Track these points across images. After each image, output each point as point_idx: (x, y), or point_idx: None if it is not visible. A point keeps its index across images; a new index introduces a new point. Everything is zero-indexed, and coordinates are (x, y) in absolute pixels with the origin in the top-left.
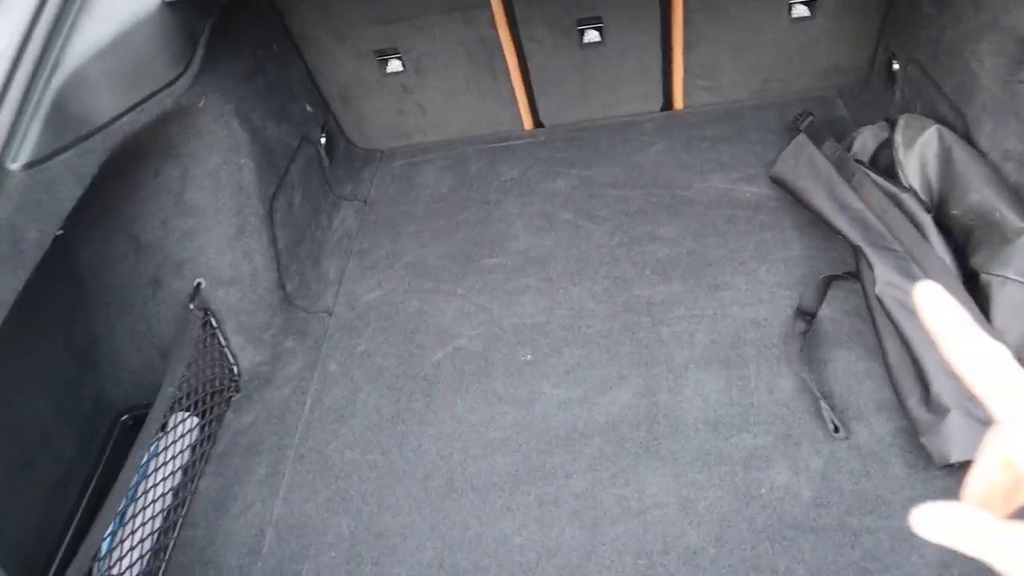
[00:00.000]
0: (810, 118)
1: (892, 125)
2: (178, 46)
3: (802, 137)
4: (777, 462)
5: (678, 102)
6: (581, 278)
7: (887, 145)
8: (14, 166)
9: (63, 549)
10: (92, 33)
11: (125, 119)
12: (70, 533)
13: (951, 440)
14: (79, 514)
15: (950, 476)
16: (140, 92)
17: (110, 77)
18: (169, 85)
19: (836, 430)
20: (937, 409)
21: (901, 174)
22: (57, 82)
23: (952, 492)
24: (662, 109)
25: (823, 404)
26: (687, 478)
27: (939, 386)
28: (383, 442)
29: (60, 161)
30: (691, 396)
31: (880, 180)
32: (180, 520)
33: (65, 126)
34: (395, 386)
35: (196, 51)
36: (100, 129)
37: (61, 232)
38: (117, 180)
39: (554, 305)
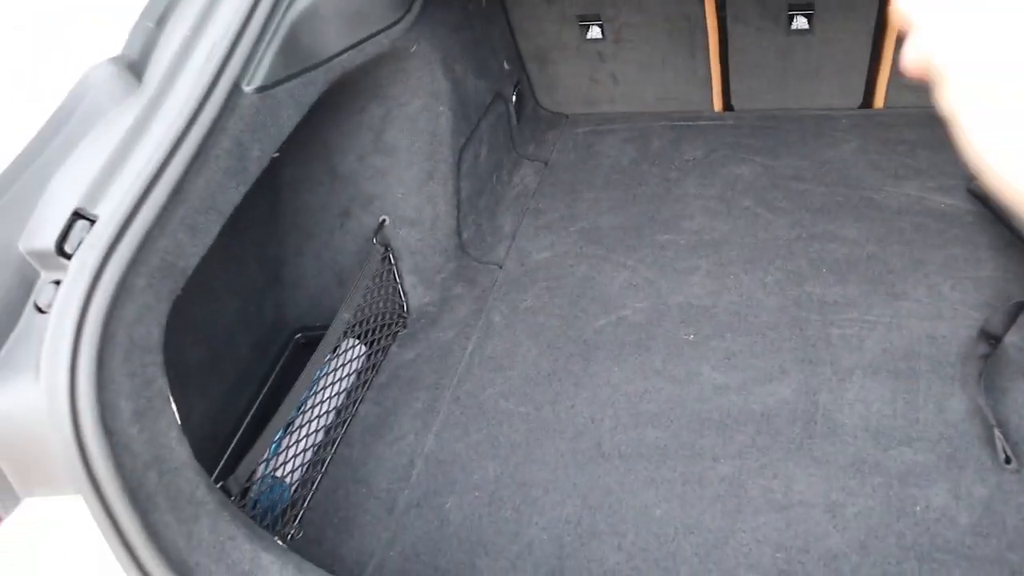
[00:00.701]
0: None
1: None
2: None
3: None
4: (937, 482)
5: (879, 101)
6: (754, 267)
7: None
8: (248, 88)
9: (232, 446)
10: None
11: (345, 56)
12: (239, 433)
13: None
14: (249, 417)
15: None
16: (363, 31)
17: (339, 15)
18: (389, 28)
19: (1008, 461)
20: None
21: None
22: (292, 15)
23: None
24: (861, 106)
25: (997, 432)
26: (838, 482)
27: None
28: (537, 397)
29: (285, 88)
30: (853, 401)
31: None
32: (339, 438)
33: (293, 57)
34: (555, 345)
35: None
36: (323, 63)
37: (277, 155)
38: (325, 113)
39: (723, 290)
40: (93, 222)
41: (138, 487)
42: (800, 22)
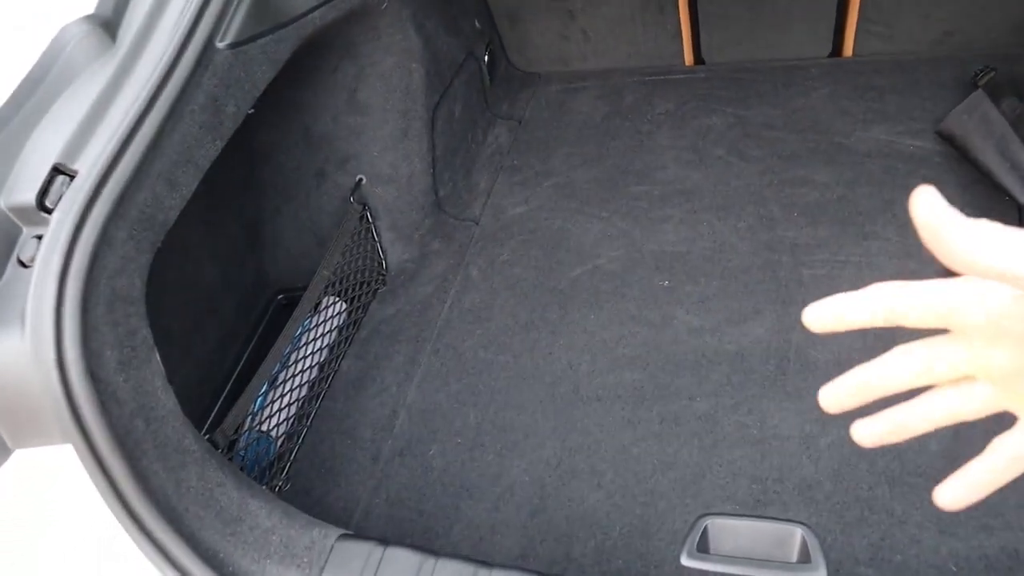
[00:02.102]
0: (991, 74)
1: None
2: None
3: (979, 93)
4: None
5: (848, 49)
6: (726, 213)
7: None
8: (221, 45)
9: (219, 404)
10: None
11: (317, 13)
12: (225, 392)
13: None
14: (234, 376)
15: None
16: None
17: None
18: None
19: None
20: None
21: None
22: None
23: None
24: (830, 55)
25: None
26: (812, 415)
27: None
28: (515, 346)
29: (258, 45)
30: (825, 338)
31: None
32: (323, 392)
33: (265, 13)
34: (532, 296)
35: None
36: (295, 20)
37: (253, 111)
38: (298, 73)
39: (696, 237)
40: (72, 177)
41: (126, 435)
42: None
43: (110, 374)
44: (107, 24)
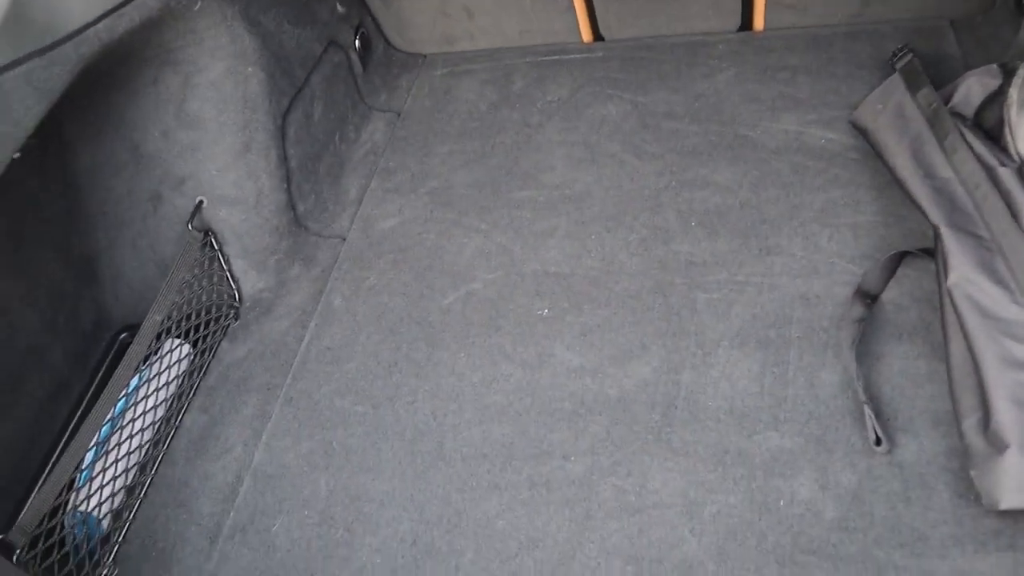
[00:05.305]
0: (909, 56)
1: (1008, 74)
2: None
3: (895, 78)
4: (803, 471)
5: (758, 22)
6: (617, 224)
7: (997, 98)
8: None
9: (51, 465)
10: None
11: (100, 25)
12: (59, 449)
13: (1005, 482)
14: (70, 430)
15: (1002, 519)
16: None
17: None
18: None
19: (878, 442)
20: (995, 441)
21: (1010, 140)
22: None
23: (1002, 536)
24: (739, 29)
25: (867, 409)
26: (697, 476)
27: (1002, 415)
28: (376, 393)
29: (18, 74)
30: (718, 379)
31: (979, 145)
32: (160, 456)
33: (24, 35)
34: (398, 330)
35: None
36: (69, 38)
37: (18, 155)
38: (114, 86)
39: (583, 253)
40: None
41: None
42: None
43: None
44: None
